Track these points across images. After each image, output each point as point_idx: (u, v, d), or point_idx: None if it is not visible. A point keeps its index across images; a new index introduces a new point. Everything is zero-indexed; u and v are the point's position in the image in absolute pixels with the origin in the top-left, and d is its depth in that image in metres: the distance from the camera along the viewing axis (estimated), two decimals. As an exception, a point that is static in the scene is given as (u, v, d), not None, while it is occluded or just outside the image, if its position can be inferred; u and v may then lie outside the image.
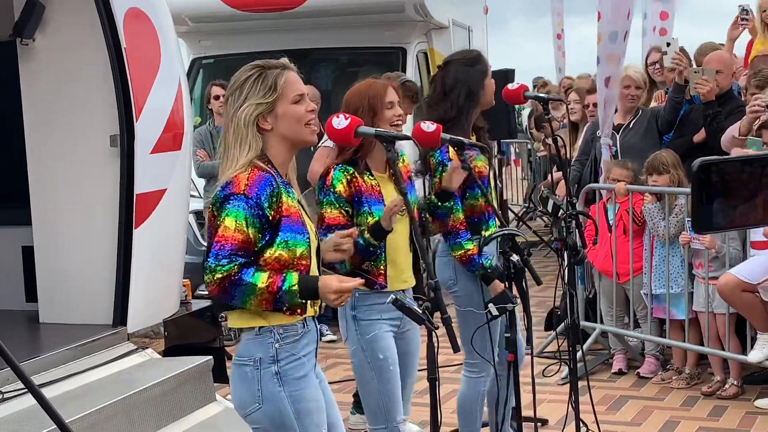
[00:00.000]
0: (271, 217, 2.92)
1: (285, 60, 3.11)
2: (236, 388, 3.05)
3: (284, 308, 2.94)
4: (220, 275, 2.86)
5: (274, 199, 2.92)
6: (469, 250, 4.24)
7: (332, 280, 2.93)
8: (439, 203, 4.14)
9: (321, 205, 3.70)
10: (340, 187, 3.70)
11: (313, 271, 3.07)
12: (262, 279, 2.87)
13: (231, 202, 2.89)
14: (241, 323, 3.03)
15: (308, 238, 3.00)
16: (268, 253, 2.93)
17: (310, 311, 3.06)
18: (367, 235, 3.64)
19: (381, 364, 3.79)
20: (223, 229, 2.88)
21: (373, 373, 3.80)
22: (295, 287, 2.88)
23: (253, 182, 2.91)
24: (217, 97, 7.95)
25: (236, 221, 2.87)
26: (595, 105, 7.12)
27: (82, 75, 4.74)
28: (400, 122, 3.82)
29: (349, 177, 3.72)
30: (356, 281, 2.95)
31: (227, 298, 2.91)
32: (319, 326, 3.19)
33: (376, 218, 3.69)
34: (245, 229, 2.88)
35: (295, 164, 3.17)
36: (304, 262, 2.98)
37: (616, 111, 6.82)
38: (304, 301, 2.94)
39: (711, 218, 1.34)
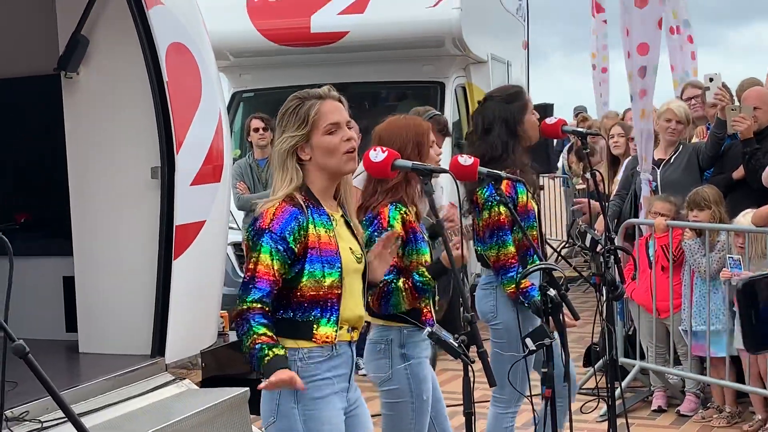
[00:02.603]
0: (296, 250, 3.00)
1: (324, 89, 3.15)
2: (262, 400, 3.14)
3: (252, 366, 2.98)
4: (241, 307, 2.98)
5: (300, 232, 3.00)
6: (521, 284, 4.20)
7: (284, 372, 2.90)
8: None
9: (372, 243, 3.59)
10: (398, 227, 3.65)
11: (354, 295, 3.09)
12: (260, 330, 2.94)
13: (258, 237, 3.01)
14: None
15: (340, 267, 3.03)
16: (299, 284, 3.02)
17: (346, 336, 3.09)
18: (422, 270, 3.60)
19: (423, 407, 3.73)
20: (251, 263, 3.01)
21: (413, 414, 3.72)
22: (267, 353, 2.90)
23: (278, 217, 3.00)
24: (256, 130, 8.01)
25: (261, 255, 2.99)
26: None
27: (124, 108, 4.81)
28: (440, 160, 3.84)
29: (403, 214, 3.69)
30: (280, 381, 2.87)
31: (237, 330, 3.01)
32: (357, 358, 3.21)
33: (424, 254, 3.67)
34: (270, 263, 2.98)
35: (350, 186, 3.21)
36: (336, 291, 3.03)
37: (657, 145, 6.79)
38: (260, 370, 2.93)
39: (763, 336, 1.30)
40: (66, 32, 4.79)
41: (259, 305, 2.97)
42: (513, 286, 4.22)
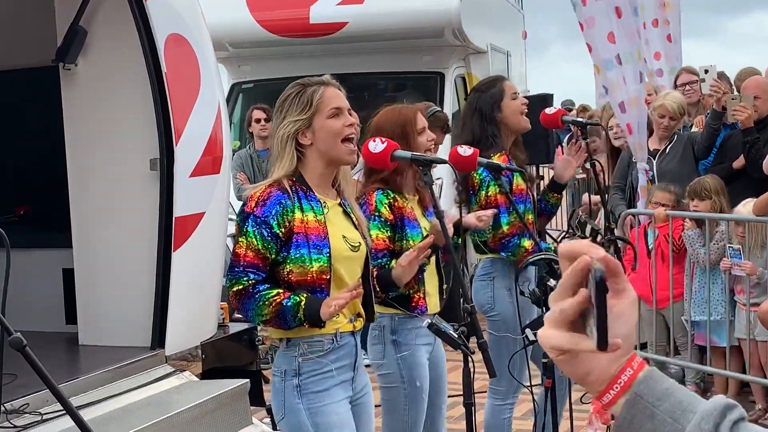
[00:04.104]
0: (281, 235, 3.02)
1: (326, 77, 3.18)
2: (272, 397, 3.18)
3: (290, 326, 2.99)
4: (235, 288, 3.03)
5: (285, 217, 3.02)
6: (527, 248, 4.21)
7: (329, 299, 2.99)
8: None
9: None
10: (385, 212, 3.67)
11: (348, 283, 3.09)
12: (271, 293, 2.99)
13: (244, 221, 3.05)
14: (275, 334, 3.16)
15: (329, 252, 3.02)
16: (283, 269, 3.04)
17: (348, 326, 3.08)
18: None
19: (416, 393, 3.75)
20: (239, 247, 3.05)
21: (406, 400, 3.75)
22: (298, 299, 2.96)
23: (263, 201, 3.03)
24: (258, 121, 8.01)
25: (247, 239, 3.03)
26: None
27: (123, 99, 4.80)
28: (432, 146, 3.84)
29: (391, 200, 3.71)
30: (347, 295, 2.95)
31: (243, 310, 3.06)
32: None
33: (415, 240, 3.67)
34: (257, 246, 3.01)
35: (348, 175, 3.23)
36: (324, 277, 3.03)
37: (651, 134, 6.80)
38: (305, 318, 2.97)
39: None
40: (64, 23, 4.78)
41: (251, 283, 3.01)
42: (521, 250, 4.25)
